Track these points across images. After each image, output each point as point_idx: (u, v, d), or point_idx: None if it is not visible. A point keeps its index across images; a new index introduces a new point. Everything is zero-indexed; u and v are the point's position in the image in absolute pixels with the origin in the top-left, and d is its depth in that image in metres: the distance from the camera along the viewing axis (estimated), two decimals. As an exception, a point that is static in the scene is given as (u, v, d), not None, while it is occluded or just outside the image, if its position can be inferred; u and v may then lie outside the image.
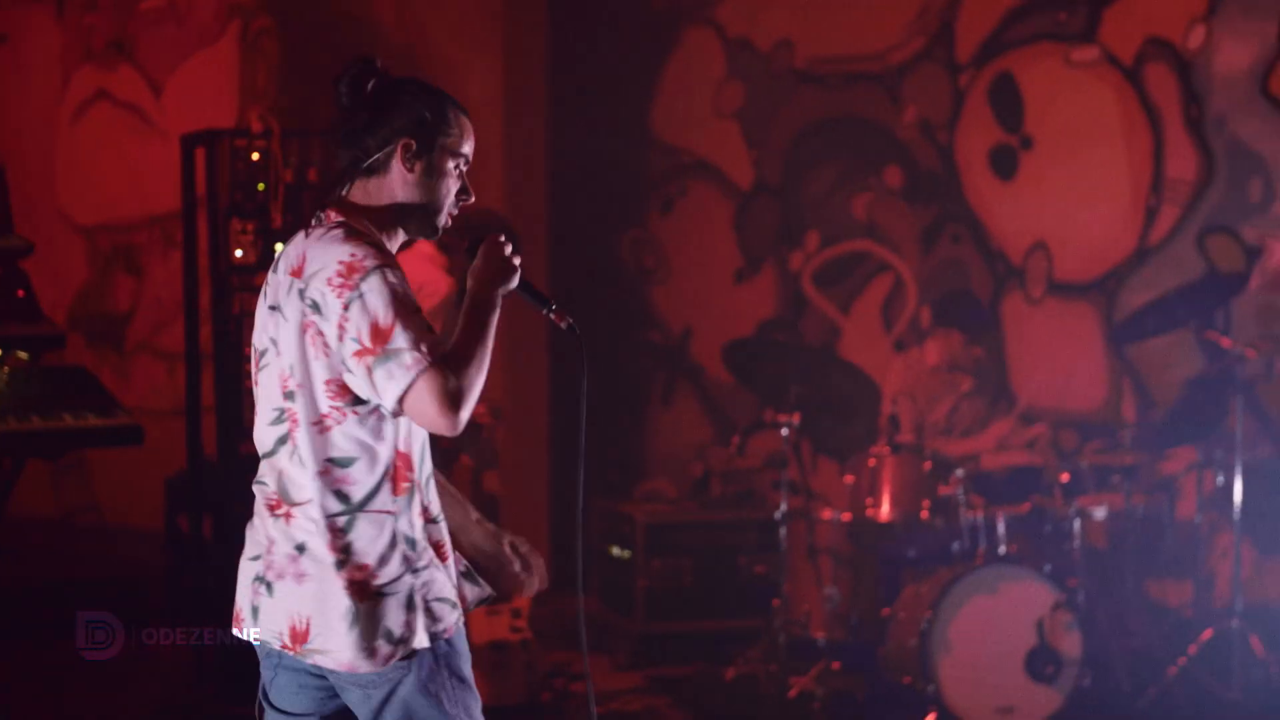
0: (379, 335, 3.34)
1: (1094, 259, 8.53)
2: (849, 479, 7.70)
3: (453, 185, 3.63)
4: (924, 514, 7.33)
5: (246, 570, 3.60)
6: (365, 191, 3.60)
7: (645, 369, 10.57)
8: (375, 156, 3.57)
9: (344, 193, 3.61)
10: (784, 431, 7.54)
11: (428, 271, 5.94)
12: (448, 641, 3.59)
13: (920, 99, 9.18)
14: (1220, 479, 7.51)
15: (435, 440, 3.72)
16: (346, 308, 3.36)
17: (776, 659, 7.41)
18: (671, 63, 10.32)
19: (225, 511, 7.24)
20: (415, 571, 3.53)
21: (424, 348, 3.35)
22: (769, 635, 7.49)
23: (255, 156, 7.14)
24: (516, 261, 3.62)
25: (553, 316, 3.68)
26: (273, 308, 3.52)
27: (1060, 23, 8.59)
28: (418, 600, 3.51)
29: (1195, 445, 7.71)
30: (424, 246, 5.78)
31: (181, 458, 7.80)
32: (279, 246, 7.08)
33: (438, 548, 3.62)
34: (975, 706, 6.81)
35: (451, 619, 3.58)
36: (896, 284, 9.32)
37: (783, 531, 7.54)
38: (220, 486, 7.29)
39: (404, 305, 3.38)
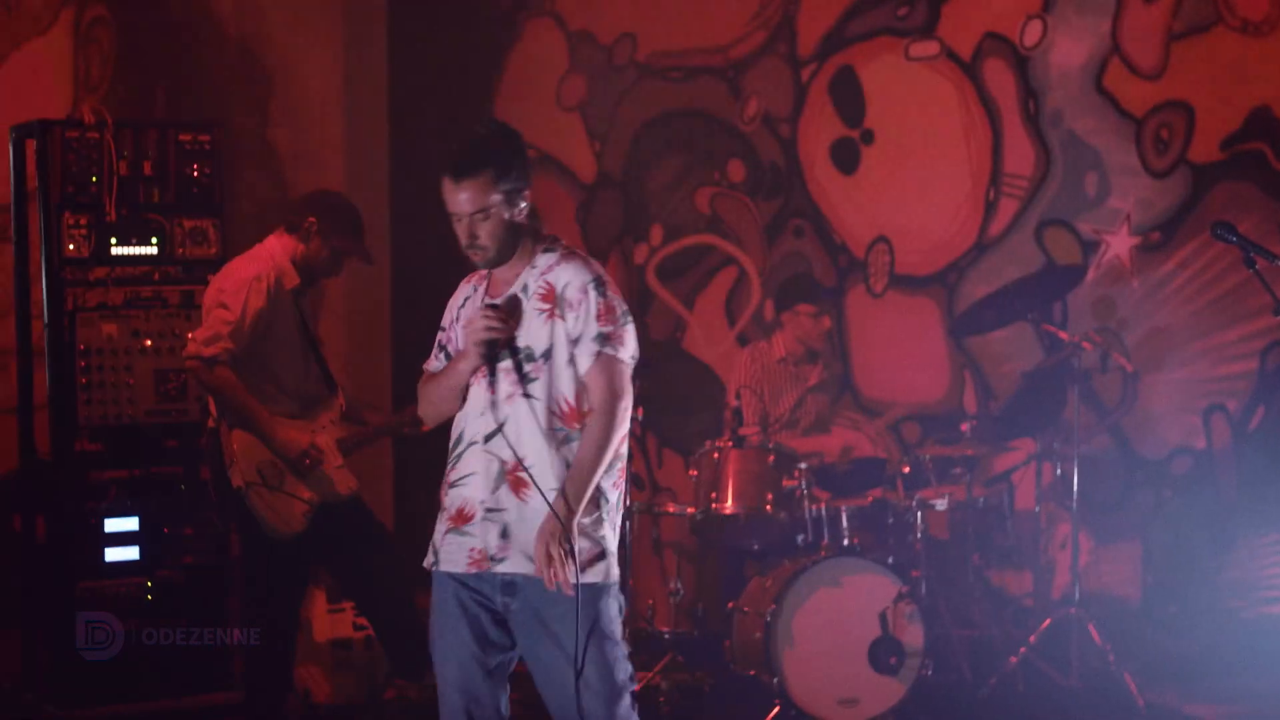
0: None
1: (935, 252, 8.60)
2: (693, 473, 7.67)
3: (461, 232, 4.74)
4: (768, 507, 7.31)
5: None
6: None
7: (489, 364, 10.48)
8: None
9: None
10: (628, 426, 7.48)
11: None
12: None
13: (762, 93, 9.20)
14: (1058, 470, 7.61)
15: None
16: None
17: (622, 653, 7.36)
18: (513, 55, 10.27)
19: (59, 512, 7.08)
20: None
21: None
22: (614, 630, 7.44)
23: (88, 148, 7.01)
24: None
25: None
26: None
27: (900, 18, 8.64)
28: None
29: (1034, 437, 7.80)
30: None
31: (13, 457, 7.61)
32: (113, 240, 6.99)
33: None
34: (820, 698, 6.83)
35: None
36: (740, 278, 9.33)
37: (627, 526, 7.50)
38: (54, 486, 7.11)
39: None
